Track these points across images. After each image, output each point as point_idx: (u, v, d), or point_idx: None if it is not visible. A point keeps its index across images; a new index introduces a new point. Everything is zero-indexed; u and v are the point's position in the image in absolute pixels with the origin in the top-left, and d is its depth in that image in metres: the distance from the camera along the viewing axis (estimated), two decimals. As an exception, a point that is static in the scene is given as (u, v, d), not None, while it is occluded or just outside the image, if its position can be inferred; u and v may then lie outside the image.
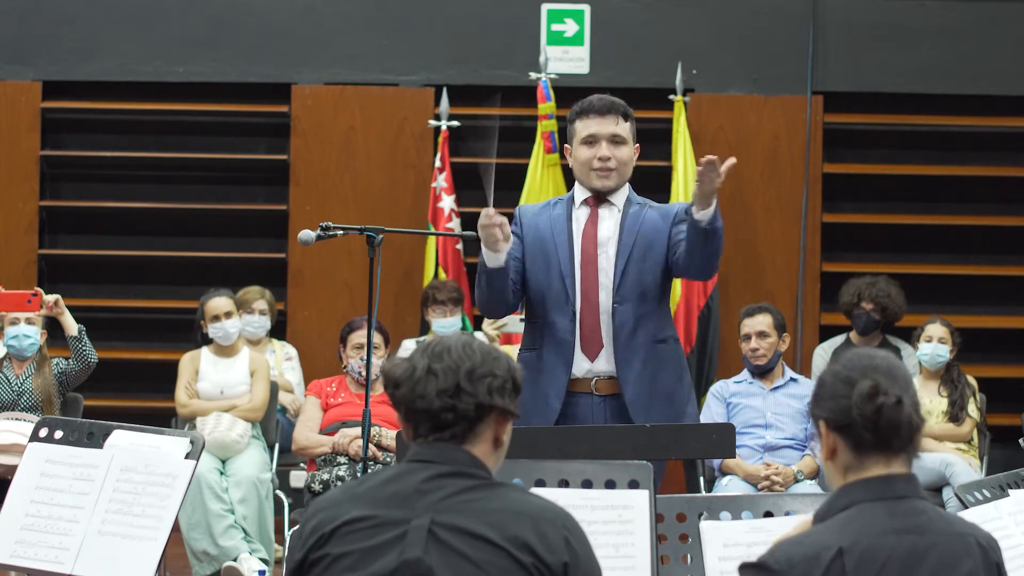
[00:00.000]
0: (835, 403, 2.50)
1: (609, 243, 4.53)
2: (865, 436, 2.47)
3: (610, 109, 4.52)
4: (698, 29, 8.30)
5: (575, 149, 4.57)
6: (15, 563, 3.75)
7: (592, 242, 4.53)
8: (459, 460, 2.59)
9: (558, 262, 4.51)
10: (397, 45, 8.36)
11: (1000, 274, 8.32)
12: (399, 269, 8.14)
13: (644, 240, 4.51)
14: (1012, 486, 3.57)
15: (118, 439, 3.84)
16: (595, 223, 4.55)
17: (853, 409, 2.47)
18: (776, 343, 6.54)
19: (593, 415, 4.46)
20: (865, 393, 2.46)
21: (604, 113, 4.52)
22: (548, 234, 4.55)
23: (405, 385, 2.61)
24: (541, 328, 4.53)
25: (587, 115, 4.54)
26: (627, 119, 4.56)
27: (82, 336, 6.33)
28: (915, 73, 8.27)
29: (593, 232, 4.54)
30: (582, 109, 4.56)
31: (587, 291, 4.49)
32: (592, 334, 4.48)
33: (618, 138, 4.52)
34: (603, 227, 4.55)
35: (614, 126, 4.52)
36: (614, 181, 4.54)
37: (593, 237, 4.53)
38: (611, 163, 4.51)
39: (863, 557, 2.39)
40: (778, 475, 6.26)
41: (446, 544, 2.51)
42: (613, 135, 4.52)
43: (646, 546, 3.28)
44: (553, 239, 4.53)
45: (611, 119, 4.52)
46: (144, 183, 8.52)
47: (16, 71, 8.40)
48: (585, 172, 4.55)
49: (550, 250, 4.53)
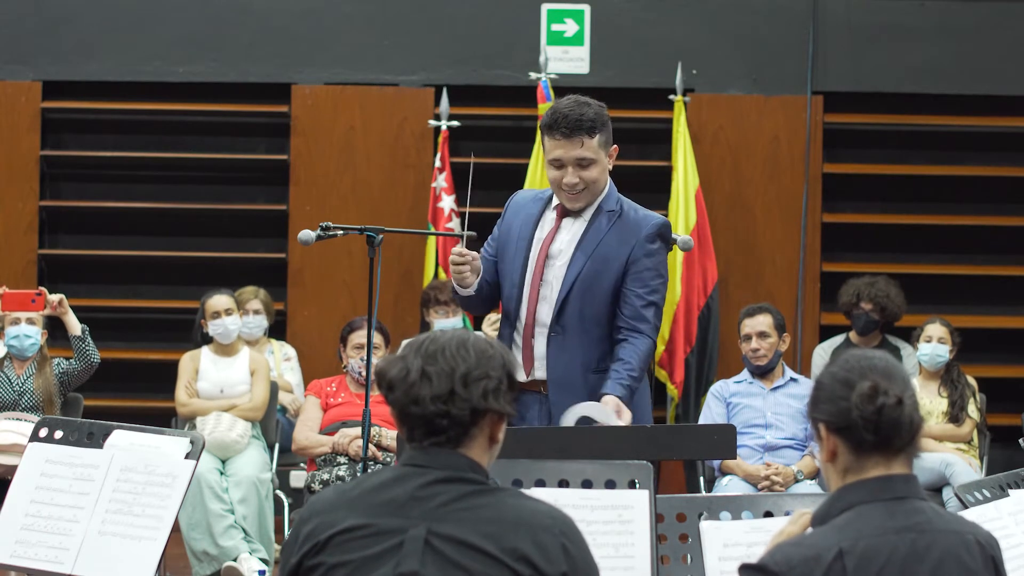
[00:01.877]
0: (834, 405, 2.49)
1: (559, 256, 4.40)
2: (866, 437, 2.46)
3: (575, 130, 4.27)
4: (698, 29, 8.30)
5: (544, 164, 4.43)
6: (15, 563, 3.75)
7: (543, 255, 4.41)
8: (455, 464, 2.56)
9: (513, 268, 4.43)
10: (397, 45, 8.36)
11: (1000, 274, 8.32)
12: (399, 269, 8.14)
13: (594, 268, 4.34)
14: (1012, 486, 3.57)
15: (118, 439, 3.84)
16: (552, 234, 4.43)
17: (853, 410, 2.46)
18: (776, 343, 6.54)
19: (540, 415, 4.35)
20: (865, 394, 2.45)
21: (569, 136, 4.28)
22: (515, 238, 4.47)
23: (399, 388, 2.58)
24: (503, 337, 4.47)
25: (554, 135, 4.31)
26: (595, 133, 4.30)
27: (85, 336, 6.33)
28: (915, 73, 8.27)
29: (548, 244, 4.42)
30: (549, 124, 4.33)
31: (529, 305, 4.39)
32: (527, 348, 4.38)
33: (584, 161, 4.30)
34: (559, 238, 4.42)
35: (579, 149, 4.29)
36: (584, 200, 4.39)
37: (546, 248, 4.42)
38: (579, 186, 4.34)
39: (863, 557, 2.39)
40: (778, 475, 6.26)
41: (443, 555, 2.49)
42: (579, 160, 4.30)
43: (646, 546, 3.27)
44: (516, 245, 4.45)
45: (576, 142, 4.28)
46: (144, 183, 8.52)
47: (16, 71, 8.40)
48: (555, 189, 4.42)
49: (512, 254, 4.45)
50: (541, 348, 4.36)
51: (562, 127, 4.30)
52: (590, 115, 4.31)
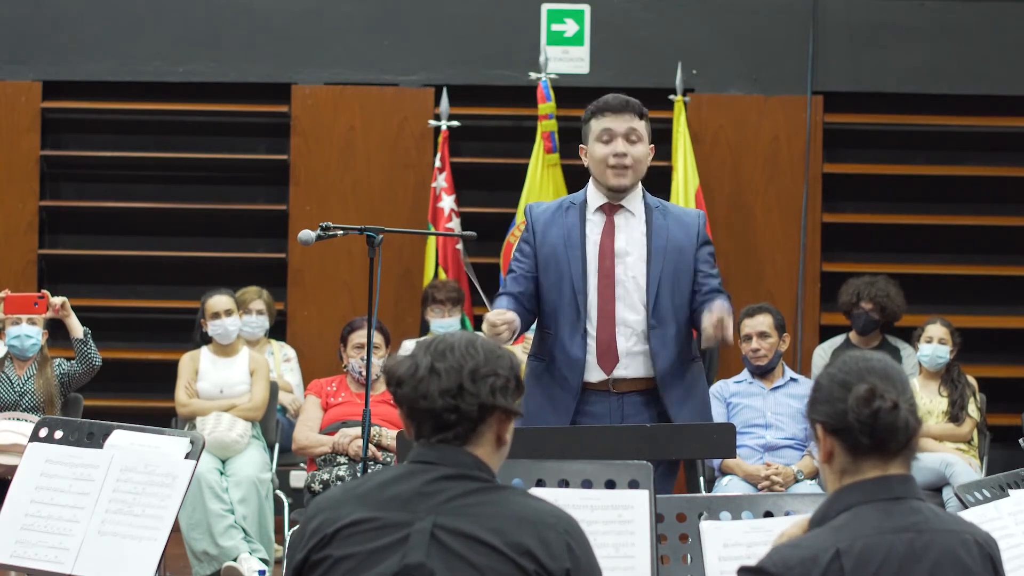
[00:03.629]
0: (831, 407, 2.50)
1: (628, 255, 4.48)
2: (861, 440, 2.47)
3: (626, 107, 4.50)
4: (698, 29, 8.30)
5: (591, 147, 4.52)
6: (15, 563, 3.75)
7: (608, 255, 4.47)
8: (462, 462, 2.58)
9: (570, 277, 4.46)
10: (397, 45, 8.36)
11: (1000, 274, 8.32)
12: (399, 269, 8.14)
13: (672, 261, 4.49)
14: (1012, 486, 3.57)
15: (118, 439, 3.84)
16: (611, 234, 4.49)
17: (849, 413, 2.47)
18: (776, 343, 6.54)
19: (611, 413, 4.44)
20: (861, 397, 2.46)
21: (620, 111, 4.49)
22: (561, 246, 4.49)
23: (408, 384, 2.60)
24: (552, 341, 4.48)
25: (603, 113, 4.50)
26: (642, 118, 4.53)
27: (87, 339, 6.32)
28: (915, 73, 8.27)
29: (610, 244, 4.48)
30: (597, 108, 4.53)
31: (603, 305, 4.44)
32: (608, 349, 4.44)
33: (635, 134, 4.49)
34: (620, 238, 4.50)
35: (630, 122, 4.49)
36: (630, 179, 4.49)
37: (609, 249, 4.47)
38: (627, 160, 4.46)
39: (860, 557, 2.39)
40: (778, 475, 6.26)
41: (448, 548, 2.51)
42: (630, 130, 4.48)
43: (646, 546, 3.27)
44: (566, 252, 4.47)
45: (627, 116, 4.49)
46: (144, 183, 8.52)
47: (16, 71, 8.40)
48: (601, 170, 4.49)
49: (562, 264, 4.46)
50: (626, 346, 4.44)
51: (613, 105, 4.51)
52: (637, 102, 4.55)
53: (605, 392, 4.45)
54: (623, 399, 4.45)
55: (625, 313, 4.45)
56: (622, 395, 4.45)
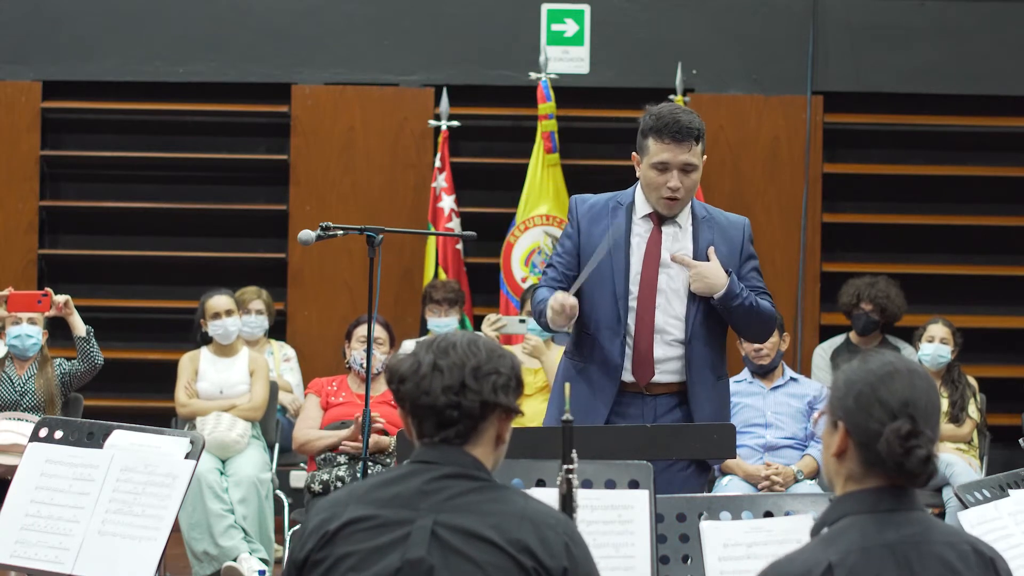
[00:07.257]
0: (865, 421, 2.43)
1: (672, 266, 4.41)
2: (884, 463, 2.43)
3: (686, 136, 4.33)
4: (698, 29, 8.30)
5: (644, 168, 4.40)
6: (15, 563, 3.75)
7: (653, 264, 4.41)
8: (462, 462, 2.61)
9: (612, 282, 4.40)
10: (397, 45, 8.36)
11: (1000, 274, 8.32)
12: (399, 269, 8.14)
13: None
14: (1012, 486, 3.57)
15: (118, 439, 3.84)
16: (657, 243, 4.43)
17: (883, 441, 2.41)
18: (777, 343, 6.54)
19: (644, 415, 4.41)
20: (902, 435, 2.40)
21: (680, 141, 4.33)
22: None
23: (410, 381, 2.62)
24: (591, 343, 4.43)
25: (662, 139, 4.33)
26: (699, 140, 4.39)
27: (90, 337, 6.32)
28: (915, 73, 8.27)
29: (656, 252, 4.42)
30: (659, 128, 4.35)
31: (643, 314, 4.39)
32: (645, 359, 4.40)
33: (689, 166, 4.36)
34: (666, 248, 4.43)
35: (687, 154, 4.34)
36: (679, 209, 4.43)
37: (655, 257, 4.41)
38: (679, 192, 4.37)
39: (853, 571, 2.37)
40: (778, 475, 6.26)
41: (449, 545, 2.52)
42: (685, 164, 4.36)
43: (646, 546, 3.28)
44: (610, 256, 4.39)
45: (685, 146, 4.33)
46: (144, 183, 8.52)
47: (16, 71, 8.40)
48: (652, 196, 4.40)
49: (604, 268, 4.38)
50: (663, 354, 4.40)
51: (672, 131, 4.33)
52: (697, 123, 4.39)
53: (639, 394, 4.42)
54: (656, 401, 4.42)
55: (664, 323, 4.40)
56: (656, 397, 4.43)
